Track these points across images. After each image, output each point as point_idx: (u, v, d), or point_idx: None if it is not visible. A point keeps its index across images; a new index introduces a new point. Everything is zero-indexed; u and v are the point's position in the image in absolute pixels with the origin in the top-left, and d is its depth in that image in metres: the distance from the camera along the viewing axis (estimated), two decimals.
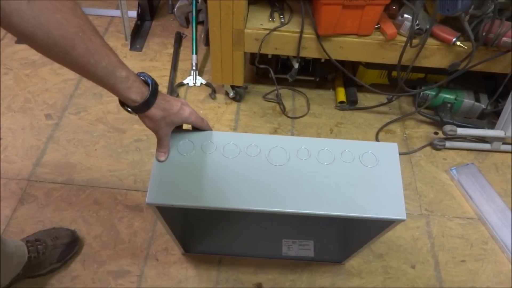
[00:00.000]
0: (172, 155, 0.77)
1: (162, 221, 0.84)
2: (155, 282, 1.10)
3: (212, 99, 1.55)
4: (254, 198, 0.73)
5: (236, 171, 0.76)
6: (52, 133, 1.41)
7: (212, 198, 0.73)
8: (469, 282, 1.13)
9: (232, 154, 0.78)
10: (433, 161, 1.40)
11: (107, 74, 0.61)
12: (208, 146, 0.79)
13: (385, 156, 0.79)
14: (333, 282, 1.12)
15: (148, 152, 1.37)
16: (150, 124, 0.71)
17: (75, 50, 0.56)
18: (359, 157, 0.79)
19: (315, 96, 1.58)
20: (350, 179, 0.76)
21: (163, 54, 1.70)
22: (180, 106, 0.72)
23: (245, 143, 0.79)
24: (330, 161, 0.78)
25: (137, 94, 0.65)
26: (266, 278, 1.12)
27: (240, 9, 1.20)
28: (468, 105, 1.45)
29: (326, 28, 1.22)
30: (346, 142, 0.81)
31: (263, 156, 0.78)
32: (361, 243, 0.96)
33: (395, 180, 0.76)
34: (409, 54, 1.26)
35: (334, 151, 0.79)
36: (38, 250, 1.04)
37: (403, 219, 0.73)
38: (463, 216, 1.26)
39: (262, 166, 0.77)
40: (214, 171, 0.76)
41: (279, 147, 0.79)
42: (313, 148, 0.79)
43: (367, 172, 0.77)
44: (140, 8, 1.77)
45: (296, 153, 0.79)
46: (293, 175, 0.76)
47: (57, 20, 0.53)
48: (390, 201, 0.74)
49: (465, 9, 1.14)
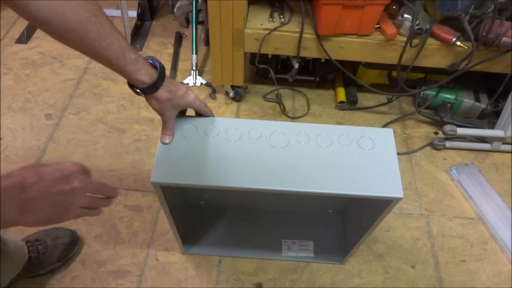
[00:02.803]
0: (176, 138, 0.80)
1: (164, 204, 0.84)
2: (155, 282, 1.10)
3: (212, 99, 1.55)
4: (255, 178, 0.76)
5: (238, 153, 0.78)
6: (52, 133, 1.41)
7: (215, 177, 0.75)
8: (469, 282, 1.13)
9: (234, 138, 0.81)
10: (433, 161, 1.40)
11: (118, 57, 0.64)
12: (211, 131, 0.81)
13: (381, 140, 0.82)
14: (333, 282, 1.12)
15: (148, 152, 1.37)
16: (156, 106, 0.73)
17: (88, 35, 0.58)
18: (356, 141, 0.81)
19: (315, 96, 1.58)
20: (348, 161, 0.79)
21: (163, 54, 1.70)
22: (186, 90, 0.76)
23: (247, 128, 0.82)
24: (328, 144, 0.81)
25: (146, 75, 0.68)
26: (266, 278, 1.12)
27: (240, 9, 1.20)
28: (468, 105, 1.45)
29: (326, 28, 1.22)
30: (344, 127, 0.84)
31: (264, 140, 0.81)
32: (361, 232, 0.96)
33: (392, 162, 0.79)
34: (409, 54, 1.26)
35: (332, 135, 0.82)
36: (38, 250, 1.04)
37: (400, 197, 0.75)
38: (463, 216, 1.26)
39: (263, 149, 0.79)
40: (216, 153, 0.78)
41: (279, 131, 0.82)
42: (312, 133, 0.82)
43: (364, 155, 0.80)
44: (140, 8, 1.77)
45: (295, 137, 0.81)
46: (293, 157, 0.78)
47: (72, 5, 0.55)
48: (387, 181, 0.76)
49: (465, 9, 1.14)
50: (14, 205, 0.52)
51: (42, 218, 0.56)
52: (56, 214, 0.58)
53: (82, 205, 0.62)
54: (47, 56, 1.65)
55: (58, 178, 0.57)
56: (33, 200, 0.54)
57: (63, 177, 0.58)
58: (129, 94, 1.52)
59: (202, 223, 1.18)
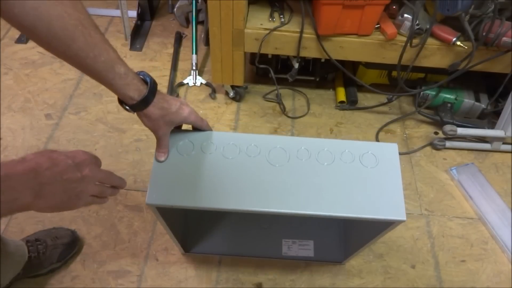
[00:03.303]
0: (172, 156, 0.77)
1: (162, 221, 0.84)
2: (155, 282, 1.10)
3: (212, 99, 1.55)
4: (253, 199, 0.73)
5: (236, 171, 0.76)
6: (52, 133, 1.41)
7: (212, 199, 0.73)
8: (469, 282, 1.13)
9: (232, 155, 0.78)
10: (433, 161, 1.40)
11: (106, 69, 0.61)
12: (208, 147, 0.79)
13: (385, 156, 0.79)
14: (333, 282, 1.12)
15: (148, 152, 1.37)
16: (148, 123, 0.71)
17: (75, 44, 0.57)
18: (359, 158, 0.78)
19: (315, 96, 1.58)
20: (350, 180, 0.76)
21: (163, 54, 1.70)
22: (179, 106, 0.72)
23: (245, 144, 0.79)
24: (330, 161, 0.78)
25: (135, 91, 0.65)
26: (266, 278, 1.12)
27: (240, 9, 1.20)
28: (468, 105, 1.45)
29: (326, 28, 1.22)
30: (346, 142, 0.81)
31: (263, 157, 0.78)
32: (361, 243, 0.96)
33: (395, 181, 0.76)
34: (409, 54, 1.26)
35: (334, 151, 0.79)
36: (38, 250, 1.04)
37: (403, 220, 0.73)
38: (463, 216, 1.26)
39: (262, 167, 0.77)
40: (214, 172, 0.76)
41: (279, 147, 0.79)
42: (313, 149, 0.79)
43: (367, 173, 0.77)
44: (140, 8, 1.76)
45: (296, 154, 0.79)
46: (293, 176, 0.76)
47: (58, 12, 0.54)
48: (390, 202, 0.74)
49: (465, 9, 1.14)
50: (28, 189, 0.53)
51: (54, 204, 0.57)
52: (68, 201, 0.59)
53: (92, 193, 0.62)
54: (47, 56, 1.65)
55: (70, 165, 0.58)
56: (46, 186, 0.54)
57: (74, 164, 0.58)
58: None
59: (202, 223, 1.18)
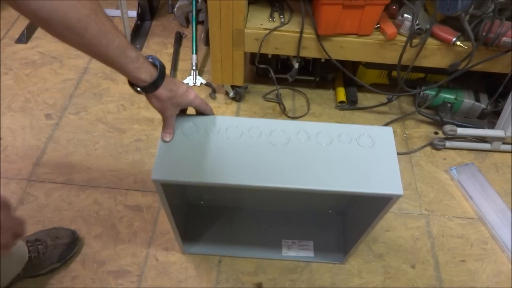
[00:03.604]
0: (177, 136, 0.80)
1: (165, 202, 0.85)
2: (155, 282, 1.10)
3: (212, 99, 1.55)
4: (255, 175, 0.76)
5: (238, 151, 0.79)
6: (52, 133, 1.41)
7: (215, 175, 0.76)
8: (469, 282, 1.13)
9: (234, 136, 0.81)
10: (433, 161, 1.40)
11: (119, 54, 0.64)
12: (212, 129, 0.82)
13: (381, 138, 0.82)
14: (333, 282, 1.12)
15: (148, 152, 1.37)
16: (157, 104, 0.73)
17: (88, 32, 0.59)
18: (356, 139, 0.82)
19: (315, 96, 1.58)
20: (348, 159, 0.79)
21: (163, 54, 1.70)
22: (186, 89, 0.76)
23: (247, 126, 0.83)
24: (328, 142, 0.81)
25: (146, 74, 0.68)
26: (266, 278, 1.12)
27: (240, 9, 1.20)
28: (468, 105, 1.45)
29: (326, 28, 1.22)
30: (344, 125, 0.85)
31: (264, 138, 0.81)
32: (361, 231, 0.96)
33: (391, 160, 0.79)
34: (409, 54, 1.26)
35: (332, 133, 0.83)
36: (38, 250, 1.04)
37: (400, 194, 0.75)
38: (463, 216, 1.26)
39: (263, 147, 0.80)
40: (217, 151, 0.79)
41: (280, 130, 0.83)
42: (312, 131, 0.83)
43: (364, 152, 0.80)
44: (140, 8, 1.77)
45: (296, 135, 0.82)
46: (294, 155, 0.79)
47: (72, 3, 0.56)
48: (387, 178, 0.77)
49: (465, 9, 1.14)
50: None
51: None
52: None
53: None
54: (47, 56, 1.65)
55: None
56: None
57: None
58: (129, 94, 1.52)
59: (202, 223, 1.18)
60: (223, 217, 1.20)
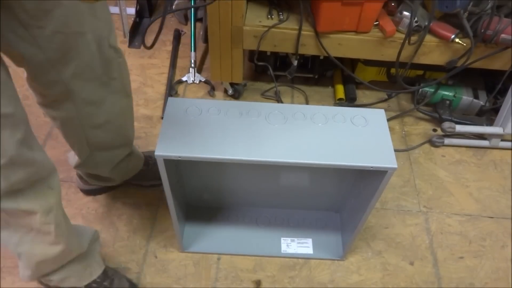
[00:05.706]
0: (180, 117, 0.85)
1: (166, 180, 0.86)
2: (154, 279, 1.10)
3: (211, 96, 1.55)
4: (255, 151, 0.81)
5: (238, 129, 0.84)
6: (51, 130, 1.40)
7: (216, 151, 0.81)
8: (468, 279, 1.13)
9: (234, 116, 0.87)
10: (432, 158, 1.40)
11: None
12: (213, 111, 0.87)
13: (373, 118, 0.88)
14: (332, 279, 1.12)
15: (147, 150, 1.36)
16: None
17: None
18: (350, 119, 0.87)
19: (313, 93, 1.58)
20: (343, 136, 0.84)
21: (162, 51, 1.70)
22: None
23: (246, 108, 0.88)
24: (324, 122, 0.87)
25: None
26: (265, 275, 1.12)
27: (238, 6, 1.20)
28: (467, 102, 1.46)
29: (325, 25, 1.22)
30: (338, 108, 0.90)
31: (262, 118, 0.87)
32: (360, 213, 0.97)
33: (384, 137, 0.85)
34: (407, 51, 1.26)
35: (327, 114, 0.88)
36: None
37: (394, 167, 0.80)
38: (461, 213, 1.27)
39: (261, 126, 0.85)
40: (218, 129, 0.84)
41: (277, 111, 0.88)
42: (308, 113, 0.88)
43: (358, 131, 0.85)
44: (138, 5, 1.76)
45: (292, 116, 0.87)
46: (291, 133, 0.84)
47: None
48: (381, 154, 0.82)
49: (463, 6, 1.14)
50: None
51: None
52: None
53: None
54: None
55: None
56: None
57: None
58: None
59: (201, 221, 1.18)
60: (222, 216, 1.20)
